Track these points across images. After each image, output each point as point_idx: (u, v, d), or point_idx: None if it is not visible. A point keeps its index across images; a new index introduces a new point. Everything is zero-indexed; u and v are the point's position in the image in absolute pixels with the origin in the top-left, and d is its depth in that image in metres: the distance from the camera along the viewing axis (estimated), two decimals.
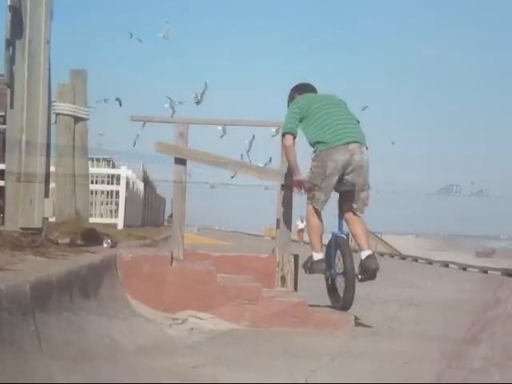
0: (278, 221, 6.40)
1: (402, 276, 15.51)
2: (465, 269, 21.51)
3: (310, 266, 5.97)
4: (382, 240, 37.52)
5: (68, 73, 9.60)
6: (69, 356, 3.22)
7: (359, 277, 5.84)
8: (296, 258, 6.35)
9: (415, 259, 27.34)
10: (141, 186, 22.05)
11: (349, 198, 5.90)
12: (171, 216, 6.55)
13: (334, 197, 6.03)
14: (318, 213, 5.92)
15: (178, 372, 3.73)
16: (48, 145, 5.65)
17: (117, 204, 17.63)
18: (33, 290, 2.99)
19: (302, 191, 5.95)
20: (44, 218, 5.49)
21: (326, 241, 6.23)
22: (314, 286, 6.53)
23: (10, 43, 5.39)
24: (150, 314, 5.28)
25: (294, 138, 5.98)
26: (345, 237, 6.00)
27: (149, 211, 24.67)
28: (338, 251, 5.99)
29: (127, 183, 17.83)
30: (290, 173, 6.27)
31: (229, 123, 6.62)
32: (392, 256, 30.69)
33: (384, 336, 5.57)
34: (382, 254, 31.77)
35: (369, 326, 5.87)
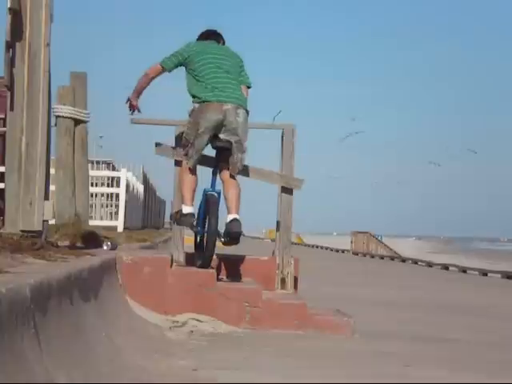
0: (278, 223, 6.40)
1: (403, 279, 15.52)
2: (464, 271, 21.52)
3: (179, 219, 5.81)
4: (382, 243, 37.48)
5: (68, 75, 9.60)
6: (69, 358, 3.22)
7: (223, 239, 5.70)
8: (296, 260, 6.35)
9: (415, 262, 27.36)
10: (141, 188, 22.06)
11: (225, 157, 5.76)
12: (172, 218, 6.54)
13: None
14: (192, 170, 5.77)
15: (177, 375, 3.72)
16: (48, 147, 5.65)
17: (117, 206, 17.64)
18: (33, 292, 2.98)
19: (131, 111, 5.94)
20: (44, 221, 5.48)
21: None
22: (315, 289, 6.53)
23: (9, 46, 5.39)
24: (150, 316, 5.28)
25: (163, 71, 5.85)
26: (216, 195, 5.80)
27: (149, 213, 24.68)
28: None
29: (127, 186, 17.83)
30: (289, 174, 6.27)
31: None
32: (392, 259, 30.70)
33: (384, 338, 5.57)
34: (382, 257, 31.79)
35: (369, 328, 5.86)
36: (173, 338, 4.91)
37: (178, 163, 6.16)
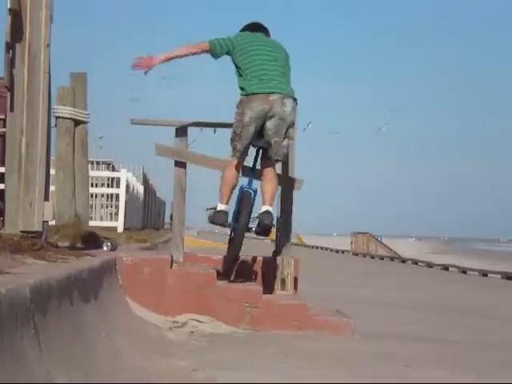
0: (278, 223, 6.39)
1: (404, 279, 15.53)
2: (464, 272, 21.53)
3: (213, 215, 5.83)
4: (382, 243, 37.48)
5: (68, 76, 9.60)
6: (69, 359, 3.22)
7: (253, 230, 5.75)
8: (296, 261, 6.35)
9: (415, 262, 27.37)
10: (141, 188, 22.05)
11: (264, 154, 5.77)
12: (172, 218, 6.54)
13: None
14: (237, 166, 5.74)
15: (177, 375, 3.73)
16: (48, 148, 5.65)
17: (117, 207, 17.64)
18: (33, 293, 2.98)
19: (142, 69, 5.64)
20: (44, 221, 5.48)
21: None
22: (315, 289, 6.53)
23: (9, 46, 5.39)
24: (149, 317, 5.28)
25: (208, 51, 5.74)
26: (251, 192, 5.80)
27: (149, 214, 24.67)
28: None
29: (127, 186, 17.82)
30: (289, 174, 6.28)
31: (229, 125, 6.60)
32: (392, 259, 30.71)
33: (384, 338, 5.57)
34: (382, 258, 31.80)
35: (369, 329, 5.86)
36: (173, 338, 4.91)
37: (178, 164, 6.17)
